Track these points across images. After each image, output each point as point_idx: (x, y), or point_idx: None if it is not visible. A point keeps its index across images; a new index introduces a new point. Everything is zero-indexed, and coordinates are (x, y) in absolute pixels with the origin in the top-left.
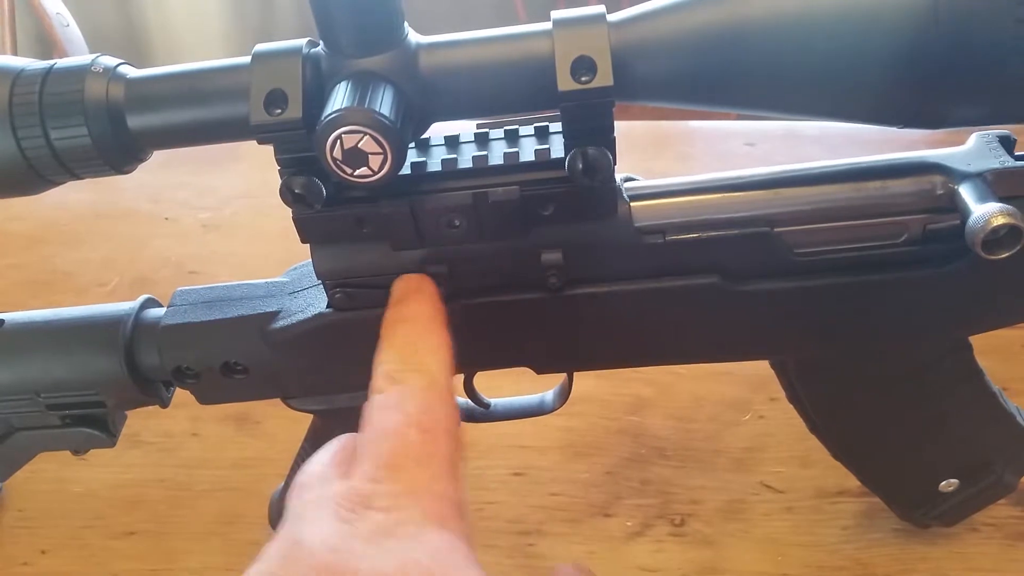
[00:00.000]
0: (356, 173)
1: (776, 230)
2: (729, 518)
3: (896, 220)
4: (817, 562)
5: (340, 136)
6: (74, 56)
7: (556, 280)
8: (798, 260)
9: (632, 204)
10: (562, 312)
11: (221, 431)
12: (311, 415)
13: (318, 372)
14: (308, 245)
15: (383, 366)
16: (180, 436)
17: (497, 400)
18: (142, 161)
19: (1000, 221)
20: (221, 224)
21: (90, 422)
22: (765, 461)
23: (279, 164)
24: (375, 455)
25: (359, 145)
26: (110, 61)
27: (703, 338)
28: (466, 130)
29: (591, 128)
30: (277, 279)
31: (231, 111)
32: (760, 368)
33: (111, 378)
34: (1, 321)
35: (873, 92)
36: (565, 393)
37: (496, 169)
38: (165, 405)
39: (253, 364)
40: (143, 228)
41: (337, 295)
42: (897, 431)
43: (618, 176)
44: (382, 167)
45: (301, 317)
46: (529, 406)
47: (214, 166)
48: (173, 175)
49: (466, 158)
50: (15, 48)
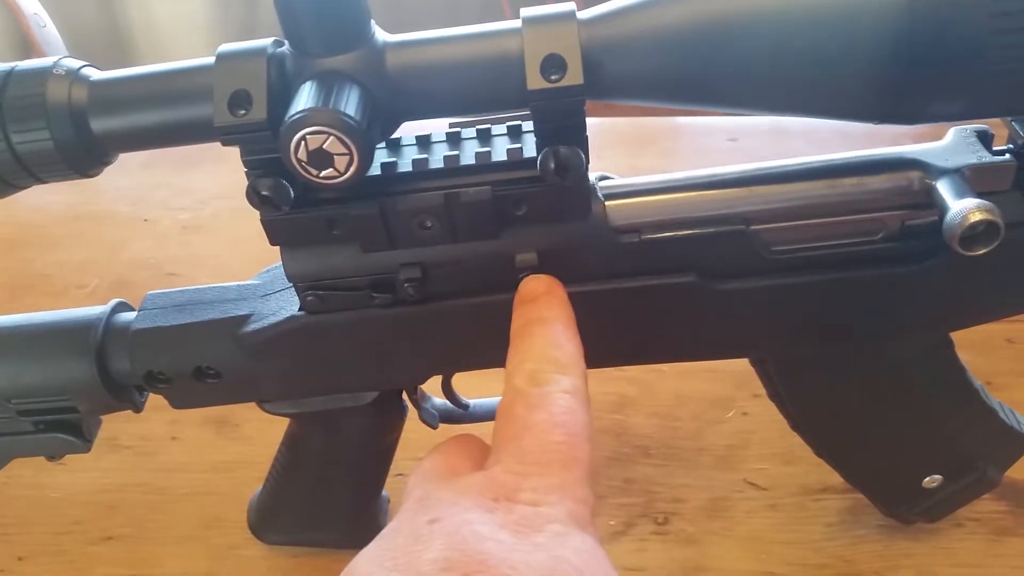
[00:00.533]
0: (322, 175)
1: (752, 228)
2: (713, 516)
3: (873, 216)
4: (801, 559)
5: (304, 137)
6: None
7: None
8: (775, 258)
9: (607, 203)
10: None
11: (200, 435)
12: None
13: (291, 375)
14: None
15: (526, 364)
16: (159, 440)
17: (476, 400)
18: (107, 164)
19: (977, 217)
20: (200, 225)
21: (64, 427)
22: (748, 458)
23: (245, 166)
24: (518, 451)
25: (324, 146)
26: (73, 63)
27: (682, 337)
28: (438, 129)
29: (563, 127)
30: (249, 282)
31: (196, 112)
32: (743, 364)
33: (83, 383)
34: None
35: (848, 88)
36: None
37: (468, 169)
38: (139, 410)
39: (226, 368)
40: (122, 230)
41: (309, 298)
42: (879, 428)
43: (592, 175)
44: (348, 168)
45: (273, 320)
46: None
47: (193, 167)
48: (152, 176)
49: (437, 158)
50: None
